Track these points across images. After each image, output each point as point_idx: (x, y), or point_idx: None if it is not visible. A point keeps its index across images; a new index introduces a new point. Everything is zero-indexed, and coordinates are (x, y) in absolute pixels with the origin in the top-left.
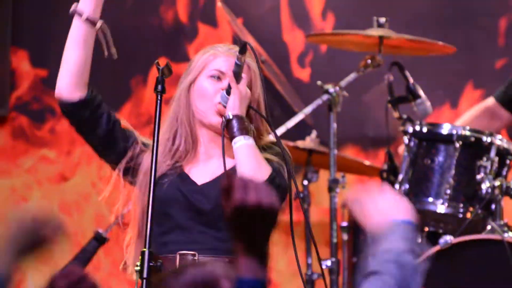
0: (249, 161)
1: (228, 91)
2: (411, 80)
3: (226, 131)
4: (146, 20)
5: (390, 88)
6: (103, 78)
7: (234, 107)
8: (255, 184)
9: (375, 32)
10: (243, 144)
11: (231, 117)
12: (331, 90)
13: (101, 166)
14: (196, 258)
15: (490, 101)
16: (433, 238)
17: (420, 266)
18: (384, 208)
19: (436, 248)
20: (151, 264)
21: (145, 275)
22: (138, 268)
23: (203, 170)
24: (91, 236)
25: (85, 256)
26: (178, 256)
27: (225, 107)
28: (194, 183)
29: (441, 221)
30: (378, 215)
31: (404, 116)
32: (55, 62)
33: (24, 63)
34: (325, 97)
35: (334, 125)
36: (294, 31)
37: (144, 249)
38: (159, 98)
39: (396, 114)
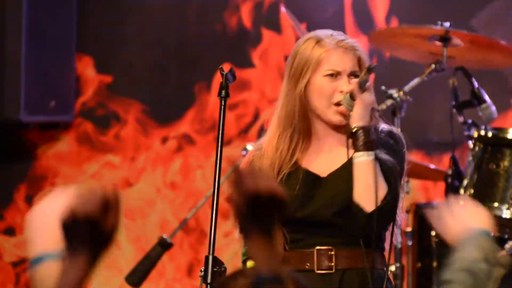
0: (366, 182)
1: (352, 96)
2: (475, 85)
3: (351, 141)
4: (210, 26)
5: (454, 93)
6: (168, 84)
7: (360, 118)
8: (263, 174)
9: (439, 27)
10: (363, 161)
11: (356, 129)
12: (395, 95)
13: (165, 172)
14: (332, 252)
15: None
16: (498, 244)
17: (494, 274)
18: (463, 218)
19: (502, 253)
20: (215, 269)
21: (209, 280)
22: (202, 273)
23: (320, 163)
24: (155, 241)
25: (149, 261)
26: (315, 252)
27: (348, 110)
28: (317, 176)
29: (506, 226)
30: (457, 226)
31: (469, 121)
32: (119, 68)
33: (89, 69)
34: (389, 102)
35: (398, 130)
36: (358, 35)
37: (208, 255)
38: (223, 103)
39: (460, 119)
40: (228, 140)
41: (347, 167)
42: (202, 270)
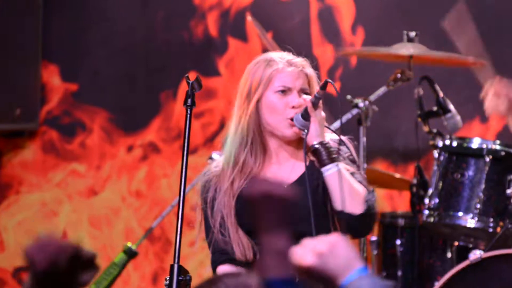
0: (343, 191)
1: (304, 115)
2: (441, 94)
3: (315, 159)
4: (176, 34)
5: (420, 102)
6: (134, 92)
7: (317, 135)
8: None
9: (405, 50)
10: (334, 171)
11: (316, 146)
12: (361, 104)
13: (131, 181)
14: None
15: None
16: (463, 253)
17: None
18: (339, 261)
19: (466, 262)
20: (180, 278)
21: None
22: (167, 282)
23: (276, 176)
24: (120, 250)
25: (114, 270)
26: None
27: (300, 129)
28: None
29: (471, 235)
30: (339, 269)
31: (434, 130)
32: (85, 76)
33: (55, 78)
34: (354, 111)
35: (364, 139)
36: (324, 45)
37: (173, 264)
38: (188, 112)
39: (426, 128)
40: (193, 148)
41: (303, 179)
42: (167, 279)
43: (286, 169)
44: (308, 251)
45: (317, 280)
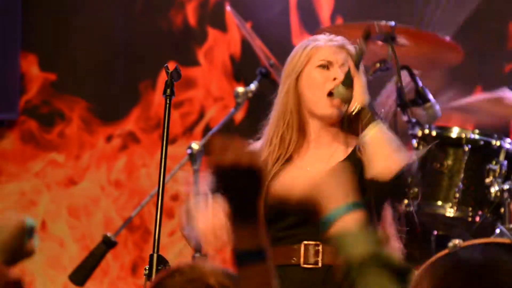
0: (383, 152)
1: (345, 83)
2: (420, 84)
3: (359, 120)
4: (155, 24)
5: (399, 92)
6: (113, 82)
7: (362, 96)
8: (234, 143)
9: (384, 24)
10: (377, 131)
11: (361, 106)
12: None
13: (110, 170)
14: (319, 248)
15: (506, 91)
16: (442, 242)
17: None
18: (329, 193)
19: (445, 251)
20: (159, 267)
21: (153, 279)
22: (147, 271)
23: (314, 161)
24: (100, 239)
25: (93, 259)
26: (303, 246)
27: (341, 101)
28: (309, 172)
29: (450, 225)
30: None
31: (413, 120)
32: (64, 66)
33: (33, 67)
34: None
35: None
36: (303, 35)
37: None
38: (168, 101)
39: (405, 118)
40: (173, 138)
41: (347, 160)
42: (147, 268)
43: (325, 154)
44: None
45: (306, 211)
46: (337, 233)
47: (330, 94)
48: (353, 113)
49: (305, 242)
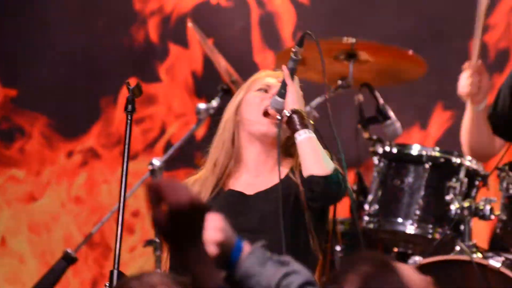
0: (314, 154)
1: (280, 93)
2: (381, 101)
3: (288, 127)
4: (117, 40)
5: (360, 109)
6: (74, 98)
7: (293, 103)
8: (180, 184)
9: (345, 40)
10: (307, 137)
11: (291, 112)
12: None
13: (70, 186)
14: None
15: None
16: (402, 259)
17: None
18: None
19: None
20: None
21: None
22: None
23: (248, 183)
24: (60, 256)
25: (53, 276)
26: None
27: (276, 111)
28: (242, 194)
29: (410, 241)
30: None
31: (374, 137)
32: (25, 81)
33: None
34: None
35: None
36: (264, 51)
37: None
38: (129, 118)
39: (366, 135)
40: (134, 154)
41: (277, 189)
42: (107, 285)
43: (260, 177)
44: (214, 228)
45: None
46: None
47: (266, 113)
48: (285, 120)
49: None
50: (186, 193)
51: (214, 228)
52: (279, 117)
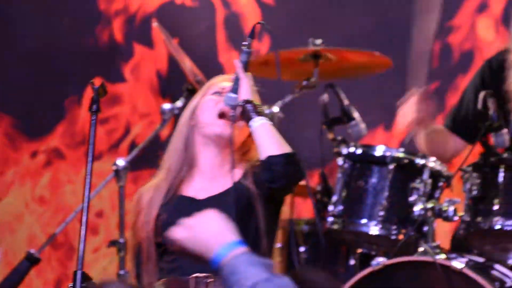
0: (271, 137)
1: (234, 89)
2: (345, 102)
3: (242, 118)
4: (82, 40)
5: (325, 110)
6: (38, 98)
7: (247, 93)
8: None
9: (311, 48)
10: (262, 123)
11: (244, 102)
12: (267, 111)
13: (34, 187)
14: (211, 280)
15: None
16: (366, 260)
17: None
18: (210, 234)
19: (369, 269)
20: (83, 285)
21: None
22: None
23: (199, 188)
24: (23, 256)
25: (16, 276)
26: (193, 280)
27: (231, 107)
28: (193, 199)
29: (374, 242)
30: (208, 242)
31: (339, 138)
32: None
33: None
34: None
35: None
36: (229, 51)
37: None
38: (93, 118)
39: (330, 136)
40: (98, 154)
41: (230, 193)
42: (71, 285)
43: (212, 182)
44: (180, 227)
45: (191, 255)
46: (227, 267)
47: (221, 115)
48: (240, 112)
49: (195, 274)
50: None
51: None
52: (233, 114)
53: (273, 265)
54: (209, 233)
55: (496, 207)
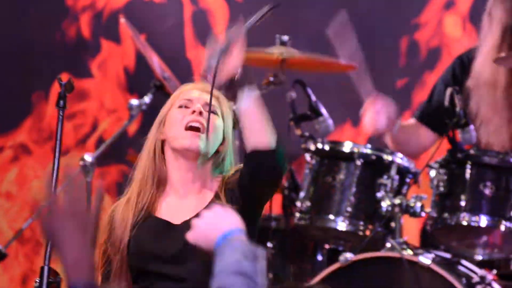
0: (261, 125)
1: (222, 50)
2: (313, 98)
3: (227, 88)
4: (49, 35)
5: (292, 106)
6: (5, 93)
7: (235, 66)
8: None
9: (277, 50)
10: (252, 103)
11: (231, 79)
12: (234, 107)
13: (1, 182)
14: None
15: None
16: (333, 255)
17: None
18: (212, 224)
19: (336, 265)
20: (50, 280)
21: None
22: (37, 284)
23: (174, 209)
24: None
25: None
26: None
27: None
28: (169, 224)
29: (341, 238)
30: (210, 233)
31: (306, 134)
32: None
33: None
34: None
35: (236, 143)
36: (197, 48)
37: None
38: (60, 113)
39: (298, 132)
40: (65, 150)
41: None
42: (37, 281)
43: (186, 202)
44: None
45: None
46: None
47: (189, 128)
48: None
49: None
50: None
51: None
52: (213, 78)
53: (259, 254)
54: (211, 228)
55: (462, 203)
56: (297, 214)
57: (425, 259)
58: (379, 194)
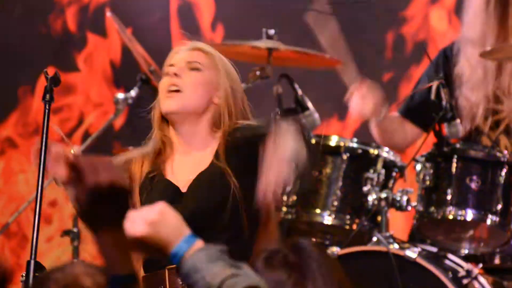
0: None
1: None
2: (299, 92)
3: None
4: (35, 28)
5: (278, 100)
6: None
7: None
8: (104, 164)
9: (263, 44)
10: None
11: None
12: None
13: None
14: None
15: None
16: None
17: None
18: (170, 229)
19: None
20: (36, 274)
21: (30, 286)
22: (23, 278)
23: (183, 169)
24: None
25: None
26: (166, 272)
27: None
28: (177, 190)
29: (327, 232)
30: (167, 237)
31: None
32: None
33: None
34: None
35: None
36: (183, 41)
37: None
38: (47, 107)
39: None
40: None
41: (206, 172)
42: (24, 275)
43: (192, 161)
44: (139, 221)
45: (149, 250)
46: (188, 263)
47: (168, 92)
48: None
49: (168, 267)
50: (108, 174)
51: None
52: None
53: (227, 254)
54: (169, 228)
55: (449, 197)
56: (283, 208)
57: (412, 253)
58: (365, 188)
